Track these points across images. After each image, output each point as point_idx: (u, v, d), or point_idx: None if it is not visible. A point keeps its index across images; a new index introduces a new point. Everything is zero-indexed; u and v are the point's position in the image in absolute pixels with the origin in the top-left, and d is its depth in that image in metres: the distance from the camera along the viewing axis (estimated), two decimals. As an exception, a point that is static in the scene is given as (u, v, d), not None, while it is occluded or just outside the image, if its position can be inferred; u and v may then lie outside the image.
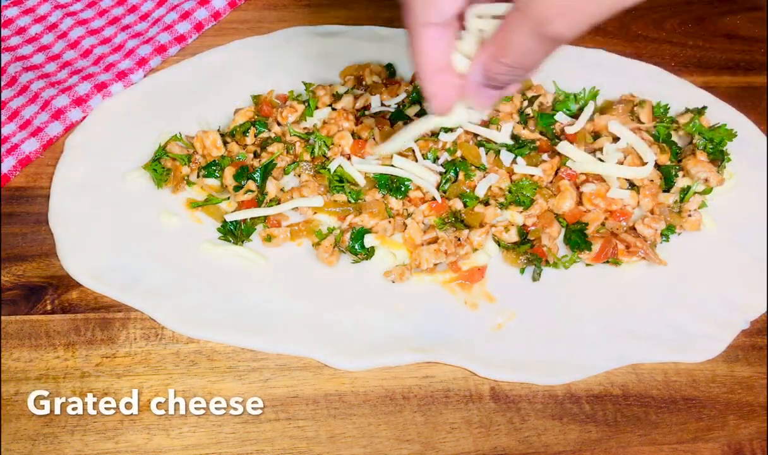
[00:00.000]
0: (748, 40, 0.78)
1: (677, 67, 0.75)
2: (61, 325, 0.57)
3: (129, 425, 0.53)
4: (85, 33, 0.76)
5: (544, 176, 0.63)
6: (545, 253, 0.59)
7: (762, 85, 0.73)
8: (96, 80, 0.71)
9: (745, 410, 0.54)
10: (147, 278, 0.59)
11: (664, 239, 0.62)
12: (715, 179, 0.63)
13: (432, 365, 0.56)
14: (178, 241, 0.61)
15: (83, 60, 0.73)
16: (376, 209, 0.61)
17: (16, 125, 0.68)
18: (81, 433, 0.52)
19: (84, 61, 0.73)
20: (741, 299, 0.59)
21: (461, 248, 0.59)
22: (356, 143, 0.65)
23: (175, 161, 0.64)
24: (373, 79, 0.70)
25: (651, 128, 0.67)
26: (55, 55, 0.74)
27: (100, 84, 0.70)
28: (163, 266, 0.60)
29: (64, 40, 0.76)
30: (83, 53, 0.74)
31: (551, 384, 0.55)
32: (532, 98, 0.69)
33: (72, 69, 0.72)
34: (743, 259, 0.61)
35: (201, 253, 0.60)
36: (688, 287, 0.59)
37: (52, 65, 0.73)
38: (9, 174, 0.65)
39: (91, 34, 0.76)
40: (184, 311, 0.57)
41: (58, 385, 0.54)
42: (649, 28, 0.79)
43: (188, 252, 0.60)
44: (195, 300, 0.58)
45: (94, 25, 0.77)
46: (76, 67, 0.72)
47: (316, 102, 0.68)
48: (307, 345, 0.56)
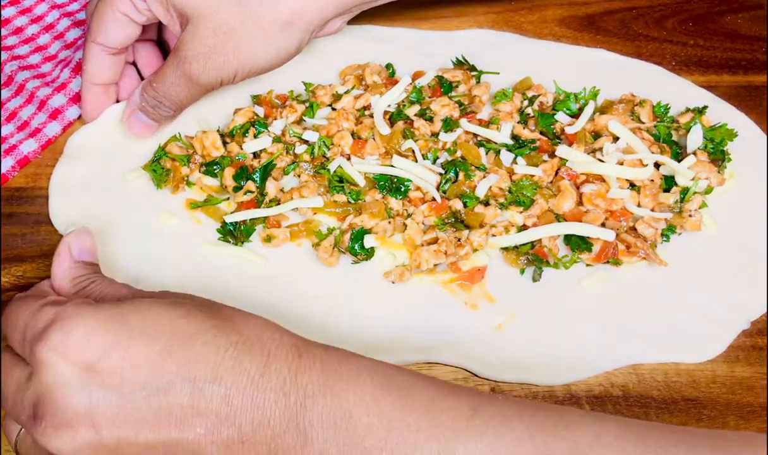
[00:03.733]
0: (749, 40, 0.78)
1: (677, 66, 0.75)
2: (60, 326, 0.57)
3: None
4: (82, 34, 0.76)
5: (544, 176, 0.63)
6: (546, 253, 0.59)
7: (763, 84, 0.73)
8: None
9: (746, 410, 0.54)
10: (146, 278, 0.59)
11: (665, 239, 0.61)
12: (716, 179, 0.63)
13: (432, 365, 0.56)
14: (177, 242, 0.61)
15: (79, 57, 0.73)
16: (375, 209, 0.61)
17: (14, 126, 0.68)
18: (81, 434, 0.52)
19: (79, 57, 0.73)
20: (741, 299, 0.59)
21: (461, 248, 0.59)
22: (356, 143, 0.64)
23: (175, 161, 0.64)
24: (373, 79, 0.70)
25: (651, 127, 0.66)
26: (52, 56, 0.74)
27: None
28: (162, 266, 0.60)
29: (60, 41, 0.76)
30: (78, 51, 0.74)
31: (551, 384, 0.55)
32: (532, 98, 0.69)
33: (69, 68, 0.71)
34: (743, 259, 0.61)
35: (201, 254, 0.60)
36: (689, 287, 0.59)
37: (48, 65, 0.73)
38: (7, 174, 0.65)
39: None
40: (184, 312, 0.57)
41: (57, 386, 0.54)
42: (649, 27, 0.79)
43: (188, 253, 0.60)
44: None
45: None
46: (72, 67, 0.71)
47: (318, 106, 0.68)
48: (307, 346, 0.56)
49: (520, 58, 0.74)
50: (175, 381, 0.38)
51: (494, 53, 0.74)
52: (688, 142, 0.66)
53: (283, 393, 0.39)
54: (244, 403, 0.38)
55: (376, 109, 0.66)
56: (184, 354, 0.38)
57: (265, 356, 0.40)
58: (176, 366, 0.38)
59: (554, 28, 0.78)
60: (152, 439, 0.37)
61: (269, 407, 0.38)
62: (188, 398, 0.38)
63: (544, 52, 0.75)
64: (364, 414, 0.39)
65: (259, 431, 0.38)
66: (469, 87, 0.70)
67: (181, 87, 0.61)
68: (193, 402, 0.38)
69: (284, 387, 0.39)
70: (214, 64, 0.60)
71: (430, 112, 0.67)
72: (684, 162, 0.63)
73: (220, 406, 0.38)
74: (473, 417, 0.40)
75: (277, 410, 0.39)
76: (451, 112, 0.67)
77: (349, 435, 0.39)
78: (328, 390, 0.40)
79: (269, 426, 0.38)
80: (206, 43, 0.59)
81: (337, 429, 0.39)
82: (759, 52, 0.77)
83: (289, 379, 0.39)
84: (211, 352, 0.39)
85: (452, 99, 0.68)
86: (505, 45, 0.75)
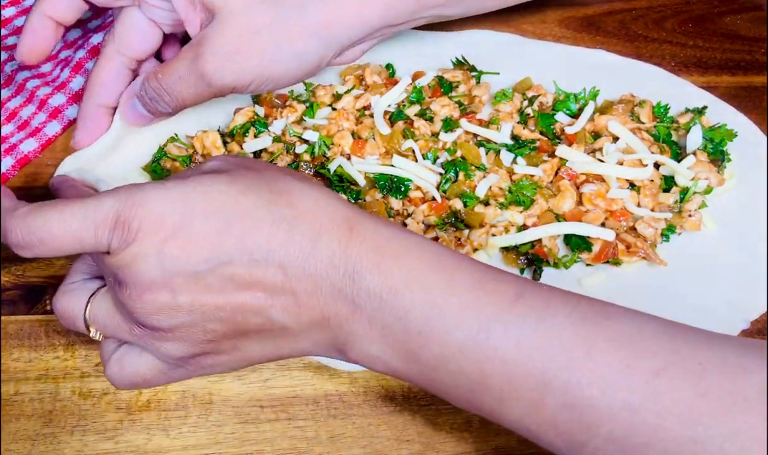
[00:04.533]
0: (749, 40, 0.78)
1: (677, 67, 0.75)
2: (60, 325, 0.57)
3: (128, 425, 0.53)
4: (82, 34, 0.76)
5: (544, 176, 0.63)
6: (546, 253, 0.59)
7: (762, 85, 0.74)
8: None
9: (746, 410, 0.54)
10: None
11: (665, 239, 0.62)
12: (716, 179, 0.63)
13: (432, 365, 0.56)
14: (177, 241, 0.61)
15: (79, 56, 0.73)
16: (376, 209, 0.61)
17: (15, 125, 0.68)
18: (81, 433, 0.52)
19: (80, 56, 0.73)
20: (741, 299, 0.59)
21: (461, 248, 0.59)
22: (356, 143, 0.65)
23: (175, 161, 0.64)
24: (373, 79, 0.70)
25: (651, 128, 0.67)
26: (52, 56, 0.74)
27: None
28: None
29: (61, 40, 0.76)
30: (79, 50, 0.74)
31: (551, 384, 0.55)
32: (532, 98, 0.69)
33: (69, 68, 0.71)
34: (743, 259, 0.61)
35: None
36: (688, 287, 0.59)
37: (48, 65, 0.73)
38: (7, 174, 0.65)
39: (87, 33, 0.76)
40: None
41: (57, 385, 0.54)
42: (649, 28, 0.79)
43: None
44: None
45: (91, 26, 0.77)
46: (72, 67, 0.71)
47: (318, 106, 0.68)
48: (307, 345, 0.56)
49: (520, 58, 0.74)
50: (233, 254, 0.41)
51: (494, 53, 0.74)
52: (687, 142, 0.66)
53: (333, 266, 0.41)
54: (297, 274, 0.41)
55: (376, 109, 0.66)
56: (241, 229, 0.41)
57: (316, 230, 0.42)
58: (234, 240, 0.41)
59: (554, 28, 0.78)
60: (221, 302, 0.41)
61: (320, 277, 0.41)
62: (246, 269, 0.41)
63: (544, 53, 0.75)
64: (408, 291, 0.41)
65: (313, 298, 0.42)
66: (469, 87, 0.70)
67: (189, 84, 0.58)
68: (251, 272, 0.41)
69: (334, 260, 0.41)
70: (232, 67, 0.57)
71: (430, 112, 0.67)
72: (684, 162, 0.63)
73: (275, 275, 0.41)
74: (517, 301, 0.41)
75: (328, 280, 0.41)
76: (451, 113, 0.67)
77: (393, 310, 0.41)
78: (375, 265, 0.41)
79: (321, 293, 0.42)
80: (231, 42, 0.57)
81: (382, 302, 0.41)
82: (759, 52, 0.77)
83: (339, 252, 0.42)
84: (265, 226, 0.41)
85: (452, 99, 0.68)
86: (505, 45, 0.75)
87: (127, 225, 0.41)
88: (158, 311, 0.41)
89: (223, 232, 0.41)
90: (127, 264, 0.41)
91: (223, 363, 0.45)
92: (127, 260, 0.41)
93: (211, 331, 0.42)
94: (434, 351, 0.41)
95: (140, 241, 0.41)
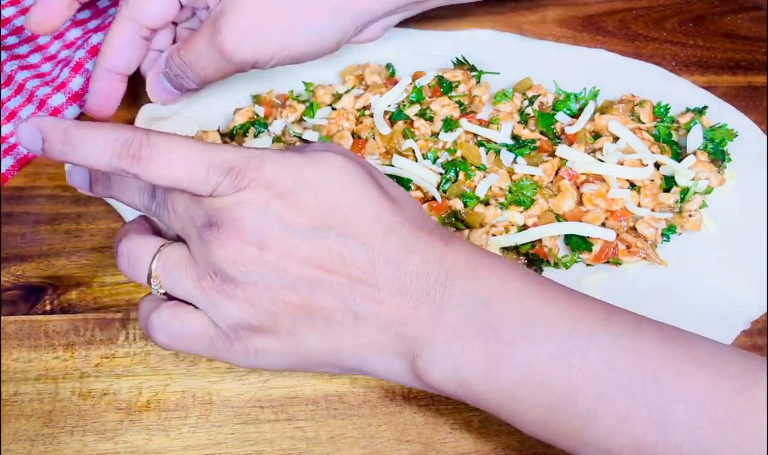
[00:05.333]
0: (749, 40, 0.78)
1: (677, 66, 0.75)
2: (60, 325, 0.57)
3: (128, 425, 0.53)
4: (82, 34, 0.76)
5: (544, 175, 0.63)
6: (546, 253, 0.59)
7: (762, 85, 0.73)
8: (89, 73, 0.70)
9: (746, 410, 0.54)
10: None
11: (665, 239, 0.62)
12: (716, 179, 0.63)
13: (432, 365, 0.56)
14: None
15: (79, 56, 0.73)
16: (376, 209, 0.61)
17: (15, 125, 0.68)
18: (80, 434, 0.52)
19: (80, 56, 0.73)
20: (741, 299, 0.59)
21: (461, 248, 0.59)
22: (356, 143, 0.64)
23: (175, 160, 0.64)
24: (373, 79, 0.70)
25: (651, 127, 0.67)
26: (51, 56, 0.74)
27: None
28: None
29: (60, 41, 0.76)
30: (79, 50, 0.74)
31: (552, 384, 0.55)
32: (532, 98, 0.69)
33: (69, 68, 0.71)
34: (743, 259, 0.61)
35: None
36: (689, 287, 0.59)
37: (48, 65, 0.73)
38: (7, 174, 0.65)
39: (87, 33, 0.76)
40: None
41: (57, 385, 0.54)
42: (649, 27, 0.79)
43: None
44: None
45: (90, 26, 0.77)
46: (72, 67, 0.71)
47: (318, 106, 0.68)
48: (307, 346, 0.55)
49: (520, 58, 0.74)
50: (331, 234, 0.42)
51: (494, 53, 0.74)
52: (688, 142, 0.66)
53: (425, 272, 0.42)
54: (386, 270, 0.42)
55: (376, 109, 0.66)
56: (345, 215, 0.42)
57: (414, 237, 0.43)
58: (335, 221, 0.42)
59: (554, 28, 0.78)
60: (303, 272, 0.42)
61: (410, 280, 0.42)
62: (339, 251, 0.42)
63: (544, 53, 0.75)
64: (501, 300, 0.42)
65: (397, 298, 0.42)
66: (469, 87, 0.70)
67: (210, 61, 0.57)
68: (342, 255, 0.42)
69: (427, 267, 0.42)
70: (252, 42, 0.56)
71: (430, 112, 0.67)
72: (684, 162, 0.63)
73: (365, 265, 0.42)
74: (610, 318, 0.42)
75: (417, 284, 0.42)
76: (451, 113, 0.67)
77: (485, 318, 0.41)
78: (469, 273, 0.42)
79: (407, 296, 0.42)
80: (250, 15, 0.55)
81: (473, 310, 0.42)
82: (759, 52, 0.77)
83: (433, 260, 0.42)
84: (367, 221, 0.42)
85: (452, 99, 0.68)
86: (505, 45, 0.75)
87: (241, 174, 0.41)
88: (241, 261, 0.41)
89: (327, 211, 0.42)
90: (228, 206, 0.41)
91: (271, 349, 0.44)
92: (230, 203, 0.41)
93: (280, 301, 0.42)
94: (523, 361, 0.41)
95: (250, 190, 0.41)
